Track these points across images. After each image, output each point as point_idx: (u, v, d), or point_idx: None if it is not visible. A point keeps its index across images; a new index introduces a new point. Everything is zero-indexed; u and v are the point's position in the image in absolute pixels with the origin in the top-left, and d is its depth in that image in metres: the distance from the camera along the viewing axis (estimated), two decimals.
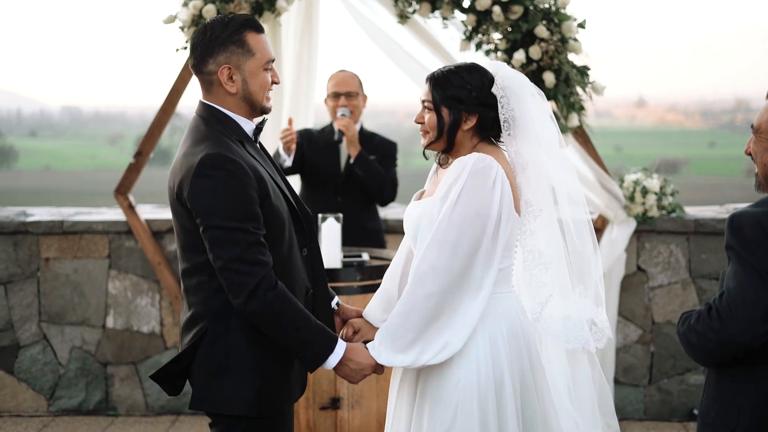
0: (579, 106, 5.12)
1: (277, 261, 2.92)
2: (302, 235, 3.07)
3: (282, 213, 2.95)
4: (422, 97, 3.10)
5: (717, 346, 2.52)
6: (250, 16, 3.06)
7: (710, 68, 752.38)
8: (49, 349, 5.78)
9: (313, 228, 3.12)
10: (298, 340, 2.88)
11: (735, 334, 2.47)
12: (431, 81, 3.07)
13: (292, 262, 3.01)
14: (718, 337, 2.50)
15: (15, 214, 5.89)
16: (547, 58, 4.95)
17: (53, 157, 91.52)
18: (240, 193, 2.82)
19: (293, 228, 3.03)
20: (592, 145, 5.40)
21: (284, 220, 2.97)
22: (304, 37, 5.65)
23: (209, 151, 2.83)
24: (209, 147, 2.85)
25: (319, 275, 3.14)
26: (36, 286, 5.75)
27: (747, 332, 2.46)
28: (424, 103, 3.08)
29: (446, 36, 5.29)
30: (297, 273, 3.02)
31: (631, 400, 5.69)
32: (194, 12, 5.08)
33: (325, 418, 4.39)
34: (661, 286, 5.68)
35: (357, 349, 2.96)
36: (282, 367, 2.98)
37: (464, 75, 3.05)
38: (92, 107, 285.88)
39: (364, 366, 2.95)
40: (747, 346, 2.48)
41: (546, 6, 5.01)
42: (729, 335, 2.48)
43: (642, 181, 5.56)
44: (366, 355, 2.95)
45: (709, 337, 2.52)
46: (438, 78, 3.07)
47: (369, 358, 2.95)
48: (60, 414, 5.77)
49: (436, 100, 3.05)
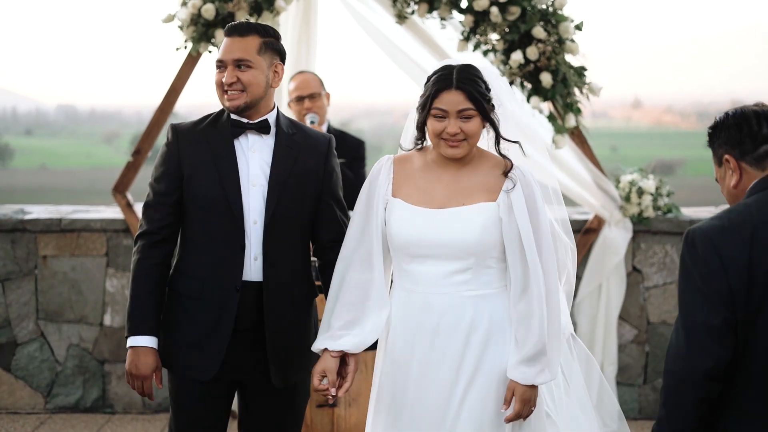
0: (576, 107, 5.14)
1: (194, 240, 3.26)
2: (234, 233, 3.22)
3: (206, 199, 3.21)
4: (457, 107, 2.97)
5: (685, 381, 2.41)
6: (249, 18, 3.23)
7: (707, 70, 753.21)
8: (46, 346, 5.79)
9: (242, 229, 3.21)
10: (129, 306, 3.27)
11: (695, 360, 2.38)
12: (466, 88, 2.98)
13: (213, 251, 3.23)
14: (684, 369, 2.40)
15: (13, 211, 5.90)
16: (544, 59, 4.98)
17: (49, 156, 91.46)
18: (161, 159, 3.28)
19: (224, 222, 3.21)
20: (588, 146, 5.42)
21: (208, 207, 3.21)
22: (302, 36, 5.67)
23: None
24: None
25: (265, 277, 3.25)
26: (33, 283, 5.76)
27: (707, 356, 2.38)
28: (463, 113, 2.98)
29: (444, 36, 5.31)
30: (222, 262, 3.21)
31: (626, 399, 5.72)
32: (193, 11, 5.09)
33: (322, 416, 4.41)
34: (657, 286, 5.70)
35: (145, 354, 3.25)
36: (169, 331, 3.31)
37: (479, 74, 3.06)
38: (88, 106, 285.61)
39: (141, 372, 3.24)
40: (710, 371, 2.38)
41: (543, 7, 5.03)
42: (691, 365, 2.39)
43: (638, 181, 5.59)
44: (146, 366, 3.23)
45: (676, 371, 2.43)
46: (469, 82, 2.99)
47: (148, 369, 3.23)
48: (57, 411, 5.78)
49: (483, 107, 3.00)
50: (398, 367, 3.09)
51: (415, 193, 3.09)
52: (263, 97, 3.24)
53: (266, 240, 3.21)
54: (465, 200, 3.05)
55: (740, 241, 2.39)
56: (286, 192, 3.23)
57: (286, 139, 3.27)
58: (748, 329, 2.39)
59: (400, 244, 3.06)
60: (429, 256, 3.03)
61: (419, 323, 3.06)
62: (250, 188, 3.22)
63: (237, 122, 3.25)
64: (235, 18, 5.06)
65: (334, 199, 3.35)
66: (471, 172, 3.10)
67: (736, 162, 2.55)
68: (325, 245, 3.35)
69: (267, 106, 3.29)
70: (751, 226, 2.41)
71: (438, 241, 3.02)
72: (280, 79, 3.29)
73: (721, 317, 2.37)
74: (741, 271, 2.37)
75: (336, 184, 3.36)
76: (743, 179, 2.55)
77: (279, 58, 3.29)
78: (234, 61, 3.19)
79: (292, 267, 3.28)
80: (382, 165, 3.16)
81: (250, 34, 3.21)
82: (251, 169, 3.23)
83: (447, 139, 3.01)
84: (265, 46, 3.23)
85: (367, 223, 3.13)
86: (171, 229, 3.29)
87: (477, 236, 3.01)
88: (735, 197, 2.58)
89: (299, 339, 3.32)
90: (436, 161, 3.11)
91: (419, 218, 3.04)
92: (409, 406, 3.07)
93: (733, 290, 2.37)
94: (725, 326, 2.37)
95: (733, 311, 2.38)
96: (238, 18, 5.07)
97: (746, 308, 2.38)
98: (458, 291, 3.04)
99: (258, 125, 3.25)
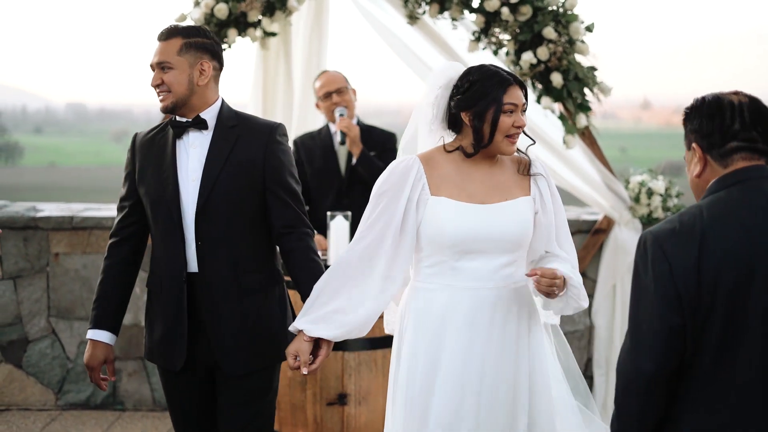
0: (586, 107, 5.15)
1: (153, 238, 3.46)
2: (175, 227, 3.35)
3: (151, 197, 3.37)
4: (521, 101, 3.10)
5: (631, 382, 2.39)
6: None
7: (715, 71, 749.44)
8: (57, 343, 5.82)
9: (180, 222, 3.34)
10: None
11: (640, 364, 2.36)
12: (522, 84, 3.13)
13: (163, 246, 3.40)
14: (630, 372, 2.39)
15: (25, 209, 5.93)
16: (554, 59, 4.99)
17: (58, 154, 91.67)
18: (125, 165, 3.50)
19: (166, 217, 3.35)
20: (598, 146, 5.43)
21: (154, 204, 3.36)
22: (314, 36, 5.69)
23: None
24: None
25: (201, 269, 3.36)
26: (45, 281, 5.80)
27: (652, 361, 2.35)
28: (523, 106, 3.11)
29: (455, 37, 5.32)
30: (170, 255, 3.37)
31: None
32: (206, 11, 5.11)
33: (332, 414, 4.43)
34: None
35: (94, 347, 3.45)
36: (148, 327, 3.49)
37: None
38: (97, 104, 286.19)
39: (88, 362, 3.44)
40: (654, 375, 2.36)
41: (554, 8, 5.05)
42: (636, 368, 2.37)
43: (647, 182, 5.59)
44: (93, 358, 3.45)
45: (623, 373, 2.41)
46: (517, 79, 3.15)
47: (94, 360, 3.44)
48: (68, 408, 5.82)
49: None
50: (453, 363, 3.08)
51: (456, 191, 3.12)
52: (189, 95, 3.34)
53: (198, 230, 3.32)
54: (506, 196, 3.13)
55: (689, 246, 2.35)
56: (220, 183, 3.31)
57: (224, 131, 3.37)
58: (699, 334, 2.35)
59: (454, 240, 3.07)
60: (481, 251, 3.08)
61: (474, 319, 3.08)
62: (189, 183, 3.33)
63: (176, 123, 3.38)
64: (247, 17, 5.09)
65: (281, 186, 3.37)
66: (500, 168, 3.17)
67: (702, 153, 2.48)
68: (280, 232, 3.39)
69: (204, 103, 3.37)
70: (700, 231, 2.36)
71: (492, 235, 3.07)
72: (208, 75, 3.35)
73: (668, 323, 2.34)
74: (689, 275, 2.33)
75: (280, 171, 3.37)
76: (706, 171, 2.49)
77: (208, 56, 3.37)
78: (157, 64, 3.35)
79: (234, 257, 3.35)
80: (411, 164, 3.14)
81: (173, 37, 3.35)
82: (190, 164, 3.35)
83: (513, 134, 3.09)
84: (187, 46, 3.33)
85: (382, 217, 3.13)
86: (130, 229, 3.49)
87: (525, 229, 3.12)
88: (696, 186, 2.54)
89: (252, 328, 3.37)
90: (467, 160, 3.15)
91: (471, 214, 3.08)
92: (474, 400, 3.06)
93: (681, 295, 2.33)
94: (672, 331, 2.34)
95: (681, 315, 2.34)
96: (251, 18, 5.10)
97: (694, 314, 2.34)
98: (506, 284, 3.12)
99: (193, 122, 3.36)
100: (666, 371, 2.35)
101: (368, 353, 4.39)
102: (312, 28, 5.67)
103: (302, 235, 3.38)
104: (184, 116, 3.38)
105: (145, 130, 3.53)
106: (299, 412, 4.44)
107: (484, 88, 3.07)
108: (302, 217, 3.41)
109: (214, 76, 3.39)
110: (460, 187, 3.11)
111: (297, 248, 3.36)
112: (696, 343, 2.35)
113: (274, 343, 3.40)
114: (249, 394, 3.41)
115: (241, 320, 3.36)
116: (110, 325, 3.47)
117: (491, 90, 3.06)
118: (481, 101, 3.07)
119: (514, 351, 3.11)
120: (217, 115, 3.39)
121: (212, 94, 3.40)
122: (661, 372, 2.35)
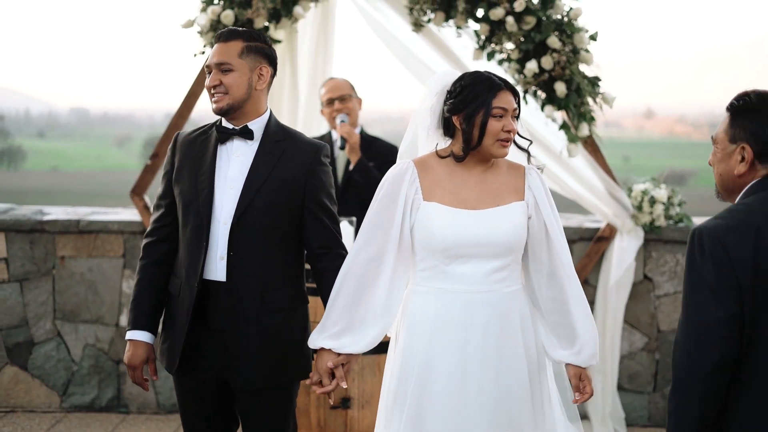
0: (590, 116, 5.18)
1: (181, 241, 3.39)
2: (201, 232, 3.32)
3: (184, 200, 3.35)
4: (512, 106, 3.14)
5: (693, 374, 2.47)
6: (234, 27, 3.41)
7: (718, 80, 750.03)
8: (62, 346, 5.86)
9: (208, 228, 3.31)
10: (130, 304, 3.47)
11: (704, 354, 2.45)
12: (513, 89, 3.16)
13: (187, 250, 3.35)
14: (693, 363, 2.47)
15: (32, 212, 5.97)
16: (558, 69, 5.02)
17: (61, 158, 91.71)
18: (164, 163, 3.50)
19: (195, 221, 3.32)
20: (601, 155, 5.47)
21: (185, 207, 3.34)
22: (320, 43, 5.72)
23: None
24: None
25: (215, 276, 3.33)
26: (51, 283, 5.84)
27: (716, 349, 2.44)
28: (514, 112, 3.16)
29: (459, 45, 5.35)
30: (190, 261, 3.33)
31: (636, 406, 5.76)
32: (212, 17, 5.15)
33: (335, 418, 4.46)
34: (667, 294, 5.74)
35: (136, 346, 3.42)
36: (165, 328, 3.46)
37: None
38: (100, 109, 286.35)
39: (130, 362, 3.41)
40: (719, 363, 2.45)
41: (558, 17, 5.08)
42: (700, 358, 2.46)
43: (650, 191, 5.63)
44: (136, 357, 3.40)
45: (685, 365, 2.49)
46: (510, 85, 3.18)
47: (137, 360, 3.41)
48: (72, 410, 5.85)
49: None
50: (446, 366, 3.10)
51: (448, 196, 3.16)
52: (246, 99, 3.32)
53: (231, 241, 3.28)
54: (499, 201, 3.16)
55: (745, 239, 2.47)
56: (260, 196, 3.28)
57: (270, 145, 3.35)
58: (753, 326, 2.46)
59: (445, 245, 3.11)
60: (472, 255, 3.11)
61: (467, 322, 3.11)
62: (227, 190, 3.31)
63: (223, 128, 3.36)
64: (254, 24, 5.13)
65: (319, 205, 3.36)
66: (494, 173, 3.20)
67: (753, 156, 2.59)
68: (314, 252, 3.38)
69: (255, 111, 3.36)
70: (755, 224, 2.48)
71: (483, 240, 3.11)
72: (266, 81, 3.36)
73: (730, 311, 2.44)
74: (747, 267, 2.45)
75: (320, 192, 3.36)
76: (748, 174, 2.61)
77: (266, 61, 3.37)
78: (217, 65, 3.31)
79: (264, 272, 3.31)
80: (406, 168, 3.19)
81: (234, 39, 3.33)
82: (230, 172, 3.32)
83: (504, 138, 3.12)
84: (248, 49, 3.32)
85: (381, 222, 3.16)
86: (167, 230, 3.44)
87: (517, 234, 3.14)
88: (732, 180, 2.64)
89: (268, 346, 3.33)
90: (460, 164, 3.18)
91: (461, 219, 3.12)
92: (470, 403, 3.09)
93: (741, 285, 2.45)
94: (733, 320, 2.44)
95: (740, 306, 2.45)
96: (257, 25, 5.14)
97: (752, 305, 2.45)
98: (500, 288, 3.15)
99: (240, 131, 3.34)
100: (729, 359, 2.46)
101: (371, 357, 4.42)
102: (318, 35, 5.70)
103: (336, 256, 3.35)
104: (232, 121, 3.35)
105: (187, 131, 3.50)
106: (303, 416, 4.47)
107: (475, 92, 3.12)
108: (337, 238, 3.38)
109: (269, 83, 3.40)
110: (452, 192, 3.16)
111: (332, 268, 3.30)
112: (750, 333, 2.47)
113: (288, 364, 3.37)
114: (264, 407, 3.38)
115: (258, 336, 3.32)
116: (148, 325, 3.43)
117: (481, 94, 3.11)
118: (471, 104, 3.12)
119: (507, 355, 3.13)
120: (264, 126, 3.38)
121: (264, 102, 3.40)
122: (724, 360, 2.46)
